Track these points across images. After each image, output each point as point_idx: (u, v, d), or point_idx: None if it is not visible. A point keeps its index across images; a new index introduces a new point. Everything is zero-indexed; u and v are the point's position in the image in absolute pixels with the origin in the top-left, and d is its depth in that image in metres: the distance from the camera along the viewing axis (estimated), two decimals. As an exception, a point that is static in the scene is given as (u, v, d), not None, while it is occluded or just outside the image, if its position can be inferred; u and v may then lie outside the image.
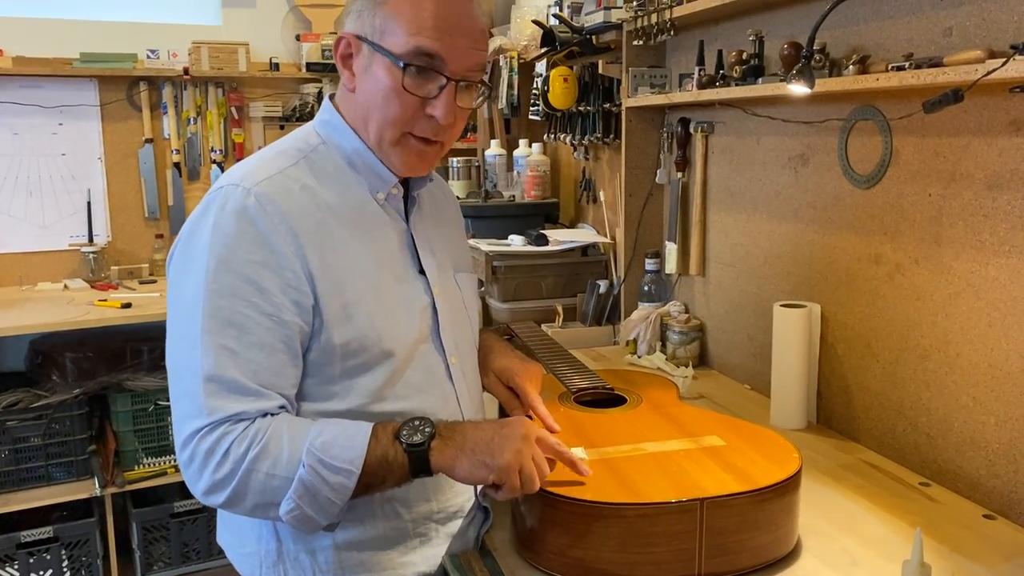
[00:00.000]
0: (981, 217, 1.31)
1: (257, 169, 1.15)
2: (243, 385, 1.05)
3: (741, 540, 1.08)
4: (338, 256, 1.14)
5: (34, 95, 3.28)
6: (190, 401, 1.06)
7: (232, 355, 1.05)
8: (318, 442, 1.05)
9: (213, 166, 3.59)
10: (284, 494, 1.04)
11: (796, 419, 1.65)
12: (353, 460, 1.04)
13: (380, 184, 1.21)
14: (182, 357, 1.08)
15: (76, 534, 2.88)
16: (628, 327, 2.17)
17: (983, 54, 1.18)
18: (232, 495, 1.05)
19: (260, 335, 1.07)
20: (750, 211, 1.91)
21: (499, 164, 3.01)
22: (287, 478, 1.04)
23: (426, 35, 1.10)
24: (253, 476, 1.04)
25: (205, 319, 1.06)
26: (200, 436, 1.04)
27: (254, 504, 1.06)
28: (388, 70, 1.12)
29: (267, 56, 3.59)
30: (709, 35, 1.99)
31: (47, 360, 3.02)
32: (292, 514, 1.05)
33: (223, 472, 1.04)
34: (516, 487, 1.06)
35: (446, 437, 1.08)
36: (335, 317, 1.12)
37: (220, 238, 1.08)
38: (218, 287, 1.06)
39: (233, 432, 1.04)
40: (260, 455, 1.04)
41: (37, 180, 3.34)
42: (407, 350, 1.19)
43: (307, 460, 1.04)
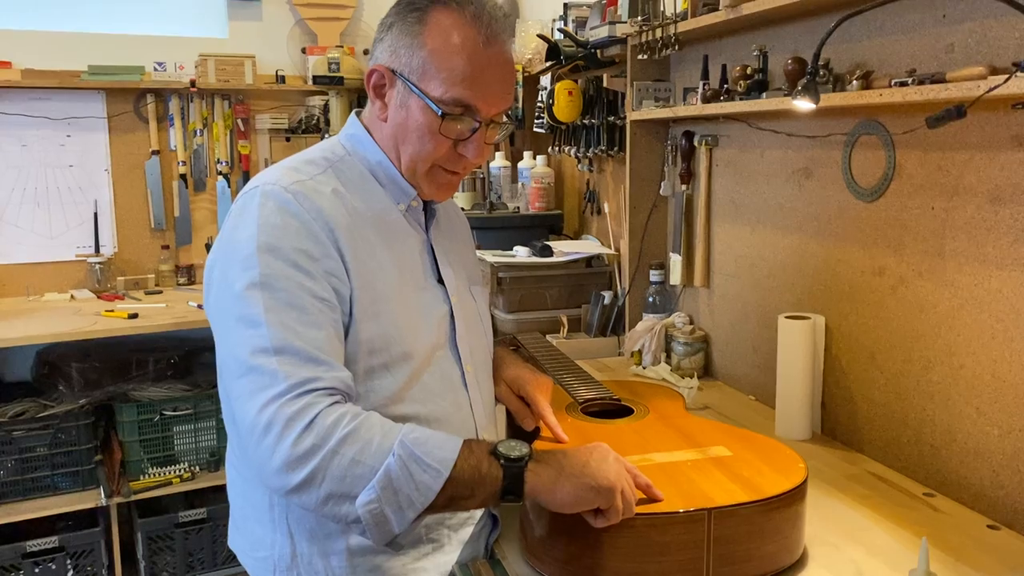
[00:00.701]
0: (984, 231, 1.32)
1: (288, 173, 1.18)
2: (314, 356, 1.05)
3: (748, 549, 1.09)
4: (367, 255, 1.18)
5: (42, 107, 3.30)
6: (259, 375, 1.04)
7: (295, 333, 1.06)
8: (411, 436, 1.03)
9: (219, 178, 3.61)
10: (366, 483, 1.00)
11: (801, 430, 1.67)
12: (444, 461, 1.01)
13: (401, 196, 1.26)
14: (242, 338, 1.07)
15: (81, 544, 2.88)
16: (633, 338, 2.19)
17: (985, 70, 1.20)
18: (310, 475, 1.00)
19: (316, 316, 1.09)
20: (754, 223, 1.92)
21: (504, 176, 3.03)
22: (373, 467, 1.00)
23: (464, 87, 1.15)
24: (336, 459, 1.00)
25: (265, 300, 1.07)
26: (282, 402, 1.01)
27: (329, 492, 1.00)
28: (424, 111, 1.17)
29: (273, 69, 3.62)
30: (713, 50, 2.01)
31: (53, 370, 3.03)
32: (369, 507, 1.00)
33: (305, 445, 0.99)
34: (620, 510, 1.03)
35: (542, 460, 1.05)
36: (365, 312, 1.15)
37: (266, 229, 1.10)
38: (271, 272, 1.08)
39: (319, 404, 1.02)
40: (349, 437, 1.00)
41: (45, 191, 3.36)
42: (425, 354, 1.21)
43: (398, 450, 1.01)
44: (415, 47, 1.16)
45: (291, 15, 3.71)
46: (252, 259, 1.09)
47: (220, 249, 1.16)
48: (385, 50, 1.19)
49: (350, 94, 3.63)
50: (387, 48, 1.19)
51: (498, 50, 1.17)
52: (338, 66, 3.57)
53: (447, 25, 1.15)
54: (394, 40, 1.18)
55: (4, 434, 2.79)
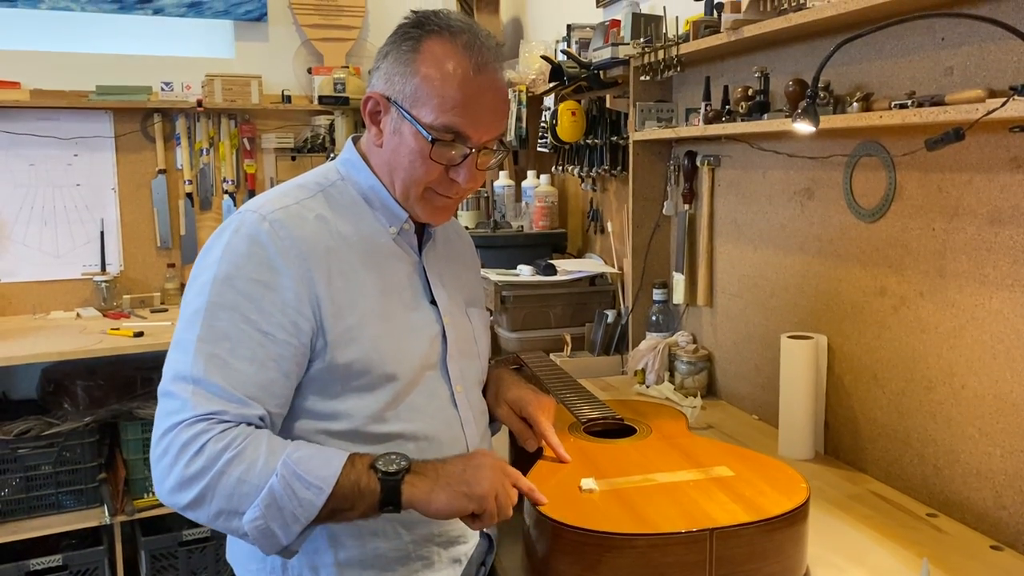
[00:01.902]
0: (984, 251, 1.33)
1: (275, 199, 1.21)
2: (227, 392, 1.09)
3: (750, 570, 1.09)
4: (346, 281, 1.19)
5: (50, 127, 3.34)
6: (173, 398, 1.09)
7: (222, 365, 1.09)
8: (295, 456, 1.06)
9: (225, 196, 3.64)
10: (252, 501, 1.04)
11: (804, 450, 1.67)
12: (326, 479, 1.05)
13: (393, 220, 1.28)
14: (174, 361, 1.12)
15: (85, 562, 2.88)
16: (636, 357, 2.19)
17: (983, 93, 1.21)
18: (199, 495, 1.05)
19: (252, 350, 1.11)
20: (757, 243, 1.93)
21: (508, 195, 3.05)
22: (258, 485, 1.04)
23: (455, 113, 1.17)
24: (224, 479, 1.04)
25: (202, 328, 1.11)
26: (179, 429, 1.06)
27: (219, 509, 1.05)
28: (416, 137, 1.19)
29: (279, 88, 3.65)
30: (715, 71, 2.03)
31: (59, 388, 3.04)
32: (255, 523, 1.04)
33: (194, 468, 1.04)
34: (494, 514, 1.10)
35: (419, 472, 1.10)
36: (339, 338, 1.16)
37: (229, 256, 1.14)
38: (219, 300, 1.12)
39: (212, 431, 1.06)
40: (235, 459, 1.05)
41: (52, 210, 3.39)
42: (411, 374, 1.23)
43: (281, 470, 1.05)
44: (408, 74, 1.18)
45: (297, 36, 3.74)
46: (206, 286, 1.13)
47: (193, 268, 1.20)
48: (380, 77, 1.22)
49: (355, 114, 3.66)
50: (382, 75, 1.21)
51: (489, 78, 1.19)
52: (343, 86, 3.60)
53: (439, 53, 1.17)
54: (389, 68, 1.20)
55: (9, 452, 2.79)
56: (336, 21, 3.75)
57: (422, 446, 1.21)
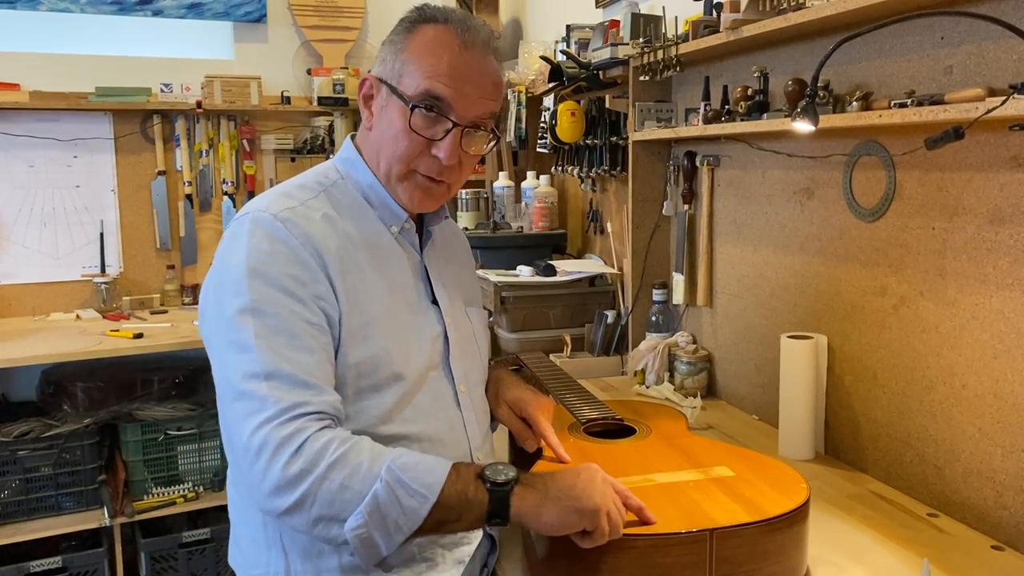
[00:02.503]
0: (984, 251, 1.33)
1: (280, 199, 1.21)
2: (303, 380, 1.07)
3: (751, 570, 1.09)
4: (357, 279, 1.19)
5: (50, 128, 3.34)
6: (249, 400, 1.06)
7: (286, 358, 1.08)
8: (399, 461, 1.04)
9: (224, 198, 3.64)
10: (354, 508, 1.01)
11: (804, 450, 1.66)
12: (431, 486, 1.03)
13: (393, 218, 1.28)
14: (234, 363, 1.09)
15: (85, 564, 2.87)
16: (636, 357, 2.19)
17: (983, 92, 1.21)
18: (300, 498, 1.02)
19: (306, 341, 1.11)
20: (756, 243, 1.93)
21: (507, 196, 3.04)
22: (361, 492, 1.01)
23: (438, 80, 1.18)
24: (326, 484, 1.01)
25: (255, 326, 1.09)
26: (273, 426, 1.03)
27: (319, 515, 1.02)
28: (400, 111, 1.20)
29: (279, 90, 3.65)
30: (714, 71, 2.03)
31: (58, 390, 3.04)
32: (357, 532, 1.02)
33: (295, 468, 1.01)
34: (606, 532, 1.04)
35: (528, 484, 1.06)
36: (353, 335, 1.17)
37: (256, 255, 1.13)
38: (261, 298, 1.10)
39: (308, 429, 1.03)
40: (337, 462, 1.02)
41: (51, 211, 3.38)
42: (417, 375, 1.23)
43: (386, 476, 1.02)
44: (397, 52, 1.21)
45: (296, 37, 3.74)
46: (242, 285, 1.11)
47: (213, 275, 1.18)
48: (377, 63, 1.25)
49: (355, 115, 3.66)
50: (379, 60, 1.25)
51: (475, 54, 1.20)
52: (343, 87, 3.60)
53: (430, 33, 1.20)
54: (383, 52, 1.24)
55: (9, 454, 2.79)
56: (335, 22, 3.75)
57: (426, 447, 1.21)
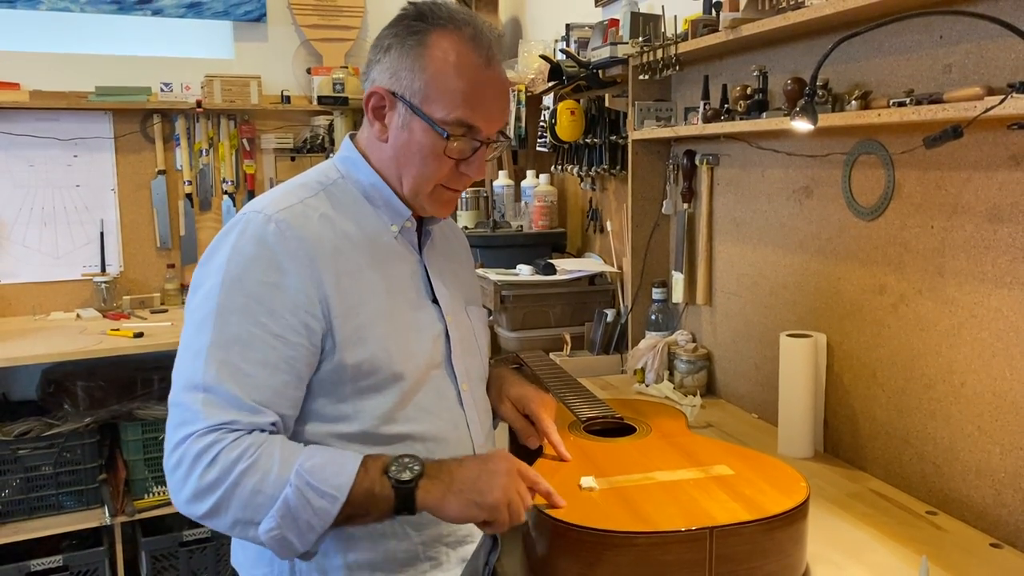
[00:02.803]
0: (983, 249, 1.33)
1: (279, 198, 1.20)
2: (239, 400, 1.08)
3: (750, 568, 1.09)
4: (354, 281, 1.19)
5: (50, 128, 3.34)
6: (185, 409, 1.08)
7: (233, 370, 1.09)
8: (308, 464, 1.06)
9: (225, 197, 3.64)
10: (267, 511, 1.04)
11: (803, 448, 1.67)
12: (340, 487, 1.05)
13: (395, 217, 1.27)
14: (185, 368, 1.11)
15: (85, 563, 2.88)
16: (636, 356, 2.19)
17: (982, 91, 1.21)
18: (215, 505, 1.05)
19: (264, 353, 1.10)
20: (756, 242, 1.93)
21: (507, 195, 3.05)
22: (272, 496, 1.04)
23: (468, 108, 1.18)
24: (238, 490, 1.04)
25: (214, 333, 1.10)
26: (191, 440, 1.06)
27: (234, 519, 1.06)
28: (427, 133, 1.19)
29: (278, 89, 3.65)
30: (713, 70, 2.03)
31: (59, 389, 3.04)
32: (271, 534, 1.05)
33: (209, 479, 1.05)
34: (505, 522, 1.09)
35: (433, 476, 1.09)
36: (348, 338, 1.16)
37: (237, 258, 1.13)
38: (229, 304, 1.11)
39: (224, 440, 1.06)
40: (249, 469, 1.04)
41: (52, 211, 3.39)
42: (418, 374, 1.22)
43: (295, 480, 1.05)
44: (416, 70, 1.18)
45: (296, 36, 3.74)
46: (215, 290, 1.12)
47: (198, 272, 1.18)
48: (384, 72, 1.21)
49: (355, 114, 3.66)
50: (386, 70, 1.20)
51: (496, 70, 1.20)
52: (343, 86, 3.60)
53: (447, 48, 1.17)
54: (393, 62, 1.20)
55: (9, 453, 2.79)
56: (335, 21, 3.75)
57: (430, 447, 1.21)
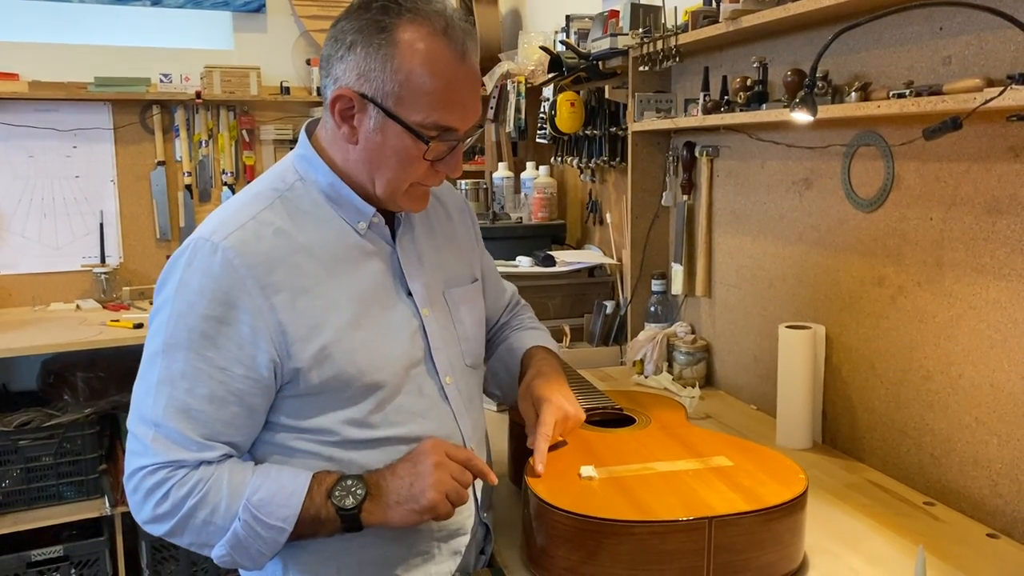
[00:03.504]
0: (981, 241, 1.34)
1: (230, 219, 1.15)
2: (186, 437, 1.10)
3: (748, 559, 1.10)
4: (313, 298, 1.15)
5: (49, 119, 3.34)
6: (137, 441, 1.12)
7: (180, 407, 1.10)
8: (255, 499, 1.10)
9: (224, 188, 3.64)
10: (219, 539, 1.11)
11: (802, 439, 1.67)
12: (287, 519, 1.10)
13: (359, 215, 1.21)
14: (139, 399, 1.13)
15: (86, 553, 2.89)
16: (635, 347, 2.20)
17: (981, 82, 1.21)
18: (170, 531, 1.12)
19: (211, 388, 1.10)
20: (755, 233, 1.94)
21: (506, 186, 3.04)
22: (223, 527, 1.10)
23: (446, 110, 1.13)
24: (191, 521, 1.10)
25: (161, 370, 1.11)
26: (144, 474, 1.10)
27: (190, 542, 1.13)
28: (402, 137, 1.13)
29: (278, 80, 3.65)
30: (714, 61, 2.03)
31: (59, 380, 3.05)
32: (223, 559, 1.12)
33: (163, 509, 1.10)
34: (450, 512, 1.14)
35: (375, 496, 1.13)
36: (312, 360, 1.13)
37: (182, 294, 1.11)
38: (174, 341, 1.10)
39: (174, 477, 1.10)
40: (199, 504, 1.09)
41: (51, 202, 3.39)
42: (396, 378, 1.20)
43: (243, 515, 1.09)
44: (388, 71, 1.10)
45: (295, 27, 3.74)
46: (162, 325, 1.12)
47: (155, 297, 1.17)
48: (350, 72, 1.12)
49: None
50: (352, 70, 1.12)
51: (470, 64, 1.14)
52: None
53: (420, 47, 1.10)
54: (360, 62, 1.11)
55: (10, 443, 2.80)
56: (334, 12, 3.72)
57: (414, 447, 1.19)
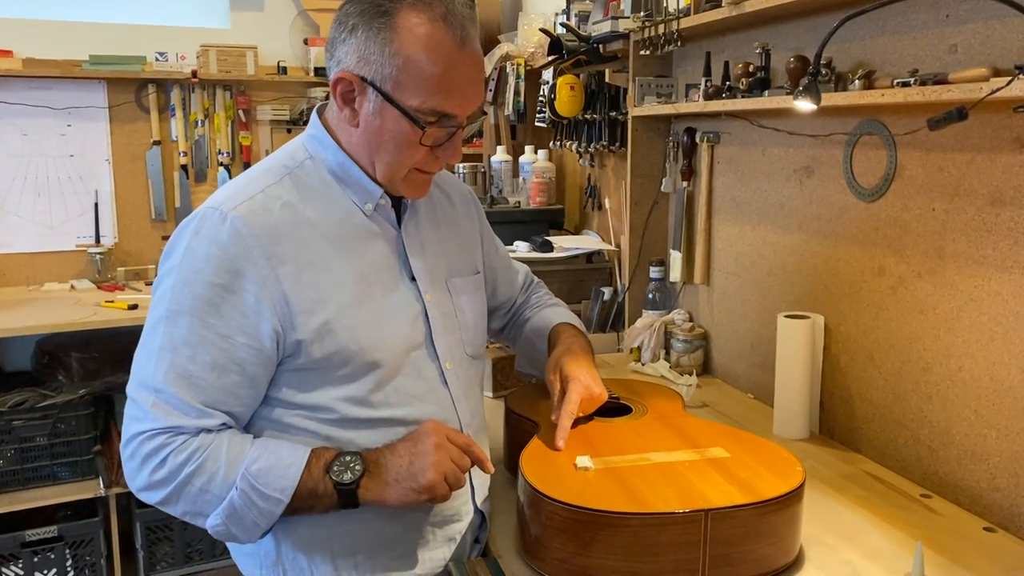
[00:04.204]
0: (984, 232, 1.32)
1: (240, 190, 1.17)
2: (186, 403, 1.10)
3: (744, 551, 1.09)
4: (318, 272, 1.15)
5: (43, 96, 3.30)
6: (137, 406, 1.11)
7: (181, 372, 1.10)
8: (253, 468, 1.09)
9: (220, 168, 3.61)
10: (214, 509, 1.10)
11: (799, 429, 1.67)
12: (284, 490, 1.09)
13: (367, 196, 1.22)
14: (140, 365, 1.13)
15: (80, 534, 2.90)
16: (632, 335, 2.19)
17: (987, 72, 1.19)
18: (165, 499, 1.11)
19: (213, 355, 1.10)
20: (755, 221, 1.92)
21: (505, 170, 3.02)
22: (219, 496, 1.09)
23: (443, 95, 1.12)
24: (187, 488, 1.09)
25: (163, 336, 1.11)
26: (142, 439, 1.09)
27: (184, 511, 1.12)
28: (400, 121, 1.14)
29: (275, 60, 3.62)
30: (716, 46, 2.00)
31: (53, 360, 3.04)
32: (217, 528, 1.11)
33: (159, 475, 1.09)
34: (447, 494, 1.14)
35: (373, 473, 1.13)
36: (315, 334, 1.14)
37: (189, 261, 1.11)
38: (178, 307, 1.11)
39: (172, 443, 1.09)
40: (196, 471, 1.08)
41: (45, 181, 3.36)
42: (396, 359, 1.20)
43: (240, 484, 1.09)
44: (387, 55, 1.11)
45: (293, 6, 3.70)
46: (167, 291, 1.12)
47: (160, 267, 1.17)
48: (351, 55, 1.13)
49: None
50: (353, 53, 1.13)
51: (470, 51, 1.14)
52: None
53: (420, 32, 1.10)
54: (361, 45, 1.12)
55: (4, 424, 2.79)
56: (333, -9, 3.71)
57: (412, 430, 1.19)
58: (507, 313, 1.61)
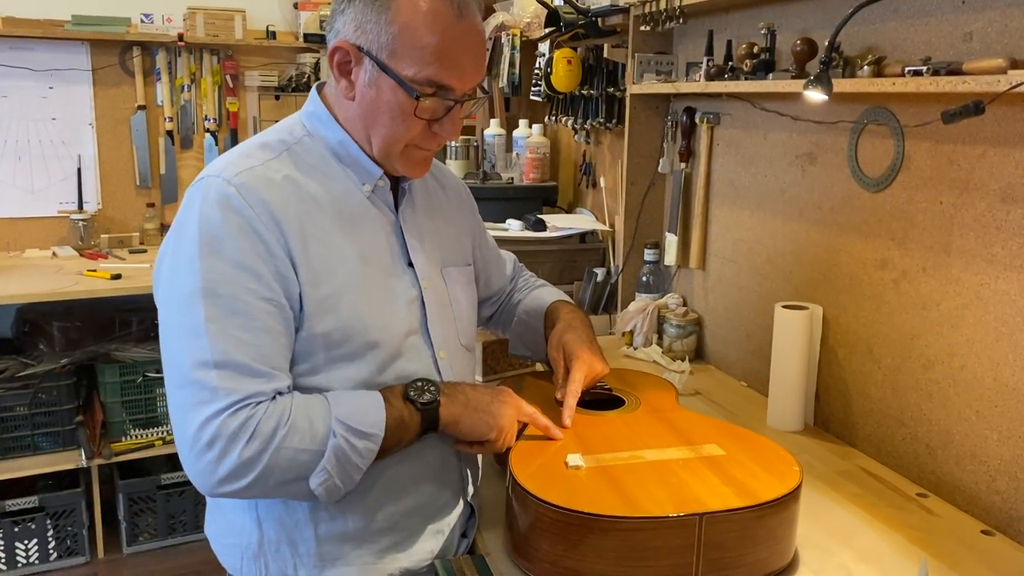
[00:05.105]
0: (994, 229, 1.28)
1: (237, 160, 1.13)
2: (255, 368, 1.05)
3: (739, 555, 1.07)
4: (322, 246, 1.13)
5: (24, 57, 3.20)
6: (199, 388, 1.03)
7: (239, 342, 1.05)
8: (340, 412, 1.07)
9: (207, 135, 3.53)
10: (314, 467, 1.06)
11: (793, 421, 1.64)
12: (376, 423, 1.09)
13: (366, 176, 1.20)
14: (184, 347, 1.06)
15: (62, 504, 2.87)
16: (625, 318, 2.15)
17: (1004, 63, 1.14)
18: (259, 475, 1.03)
19: (263, 320, 1.07)
20: (754, 207, 1.87)
21: (498, 145, 2.96)
22: (318, 451, 1.06)
23: (439, 65, 1.09)
24: (282, 453, 1.04)
25: (206, 308, 1.05)
26: (224, 418, 1.02)
27: (280, 481, 1.05)
28: (396, 92, 1.11)
29: (264, 24, 3.52)
30: (719, 24, 1.94)
31: (34, 328, 2.98)
32: (324, 485, 1.07)
33: (249, 453, 1.02)
34: (500, 447, 1.20)
35: (450, 395, 1.16)
36: (317, 307, 1.11)
37: (208, 228, 1.07)
38: (214, 276, 1.05)
39: (257, 413, 1.03)
40: (289, 433, 1.04)
41: (27, 144, 3.27)
42: (396, 342, 1.18)
43: (336, 429, 1.06)
44: (383, 23, 1.09)
45: (284, -31, 3.59)
46: (196, 262, 1.06)
47: (168, 244, 1.12)
48: (348, 24, 1.11)
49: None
50: (351, 22, 1.11)
51: (470, 22, 1.11)
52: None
53: (417, 0, 1.08)
54: (359, 14, 1.10)
55: (-17, 393, 2.75)
56: (325, -46, 3.60)
57: None
58: (497, 300, 1.61)
